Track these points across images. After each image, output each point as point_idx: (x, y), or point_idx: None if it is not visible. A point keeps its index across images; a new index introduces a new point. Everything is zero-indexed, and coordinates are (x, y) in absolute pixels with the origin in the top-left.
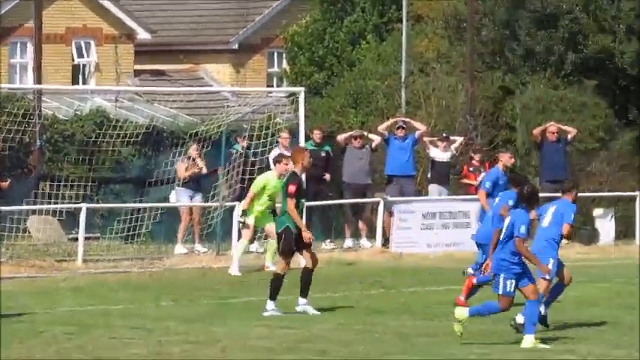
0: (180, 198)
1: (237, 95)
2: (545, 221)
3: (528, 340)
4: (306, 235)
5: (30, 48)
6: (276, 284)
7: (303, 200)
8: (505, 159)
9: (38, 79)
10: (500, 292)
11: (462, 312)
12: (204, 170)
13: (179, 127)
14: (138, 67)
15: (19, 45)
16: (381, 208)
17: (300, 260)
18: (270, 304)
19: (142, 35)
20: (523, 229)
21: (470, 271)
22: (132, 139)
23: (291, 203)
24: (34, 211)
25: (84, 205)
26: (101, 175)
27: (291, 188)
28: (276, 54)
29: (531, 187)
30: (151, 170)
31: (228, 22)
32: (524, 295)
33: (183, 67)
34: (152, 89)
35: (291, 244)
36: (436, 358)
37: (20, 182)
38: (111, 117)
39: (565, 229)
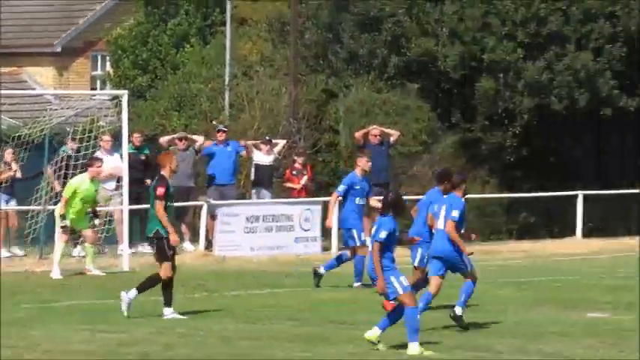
0: None
1: (61, 98)
2: (440, 223)
3: (413, 348)
4: (173, 238)
5: None
6: (150, 283)
7: (171, 204)
8: (362, 163)
9: None
10: (402, 292)
11: (372, 333)
12: (19, 174)
13: (1, 130)
14: None
15: None
16: (204, 211)
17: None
18: (132, 292)
19: None
20: (383, 234)
21: (322, 270)
22: None
23: (160, 206)
24: None
25: None
26: None
27: (160, 191)
28: (100, 57)
29: (396, 193)
30: None
31: (51, 25)
32: (402, 302)
33: (6, 70)
34: None
35: (164, 247)
36: None
37: None
38: None
39: (448, 225)
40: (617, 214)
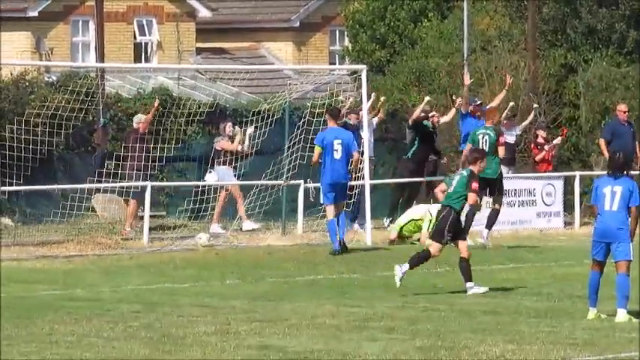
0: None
1: (300, 73)
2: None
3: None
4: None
5: (92, 26)
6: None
7: None
8: None
9: (100, 58)
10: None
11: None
12: (240, 147)
13: (242, 105)
14: (199, 45)
15: (80, 23)
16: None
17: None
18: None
19: (203, 13)
20: None
21: None
22: (195, 118)
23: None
24: (99, 190)
25: (149, 184)
26: (165, 153)
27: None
28: (337, 32)
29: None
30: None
31: (289, 0)
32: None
33: (245, 45)
34: (214, 67)
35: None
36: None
37: (84, 160)
38: (174, 95)
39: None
40: None
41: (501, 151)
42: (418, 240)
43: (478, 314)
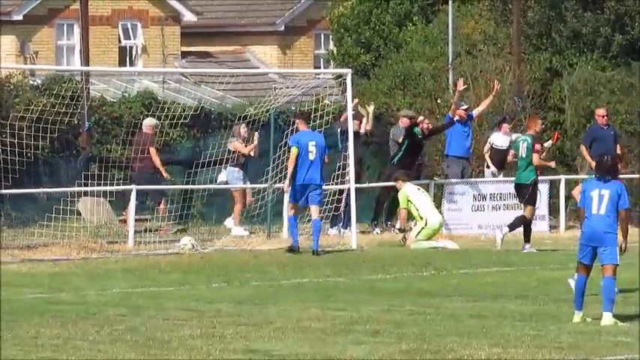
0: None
1: (285, 77)
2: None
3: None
4: None
5: (76, 30)
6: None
7: None
8: None
9: (85, 61)
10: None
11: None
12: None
13: (227, 108)
14: (184, 49)
15: (65, 27)
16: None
17: None
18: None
19: (188, 17)
20: None
21: None
22: (180, 121)
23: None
24: (84, 193)
25: (134, 187)
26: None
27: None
28: (322, 36)
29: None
30: (199, 152)
31: (273, 3)
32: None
33: (230, 49)
34: (199, 71)
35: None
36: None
37: (70, 164)
38: (158, 99)
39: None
40: None
41: (535, 158)
42: (404, 239)
43: (464, 318)
